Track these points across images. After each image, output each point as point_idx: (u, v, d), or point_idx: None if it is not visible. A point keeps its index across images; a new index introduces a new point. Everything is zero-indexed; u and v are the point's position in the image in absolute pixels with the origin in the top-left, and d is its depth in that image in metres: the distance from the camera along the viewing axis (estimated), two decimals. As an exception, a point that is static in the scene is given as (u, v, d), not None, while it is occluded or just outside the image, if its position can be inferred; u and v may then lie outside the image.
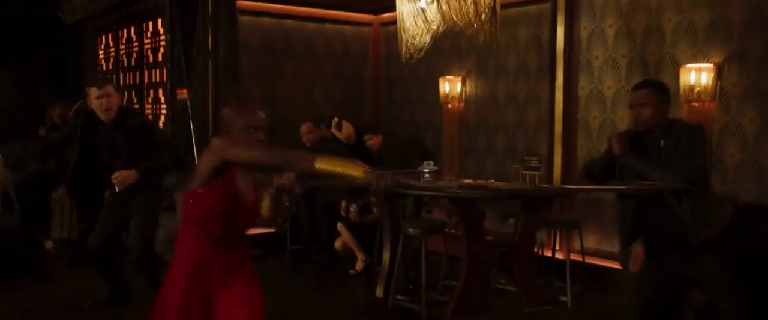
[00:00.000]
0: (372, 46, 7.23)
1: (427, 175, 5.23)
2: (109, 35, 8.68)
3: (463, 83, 6.32)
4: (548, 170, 5.57)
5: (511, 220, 5.17)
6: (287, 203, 3.06)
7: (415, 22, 4.91)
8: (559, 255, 5.34)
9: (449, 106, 6.37)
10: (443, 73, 6.44)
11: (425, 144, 6.68)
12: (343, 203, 5.89)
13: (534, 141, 5.76)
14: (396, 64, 6.97)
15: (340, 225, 5.82)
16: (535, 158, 4.85)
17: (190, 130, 6.67)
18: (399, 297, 4.95)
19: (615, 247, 4.56)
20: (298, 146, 6.33)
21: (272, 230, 6.60)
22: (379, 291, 5.16)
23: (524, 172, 4.88)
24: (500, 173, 5.90)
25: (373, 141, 6.09)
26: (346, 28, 7.10)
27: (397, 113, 7.14)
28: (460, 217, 4.67)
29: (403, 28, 4.95)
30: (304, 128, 6.26)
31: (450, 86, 6.31)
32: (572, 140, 5.44)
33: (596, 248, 5.31)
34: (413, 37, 4.94)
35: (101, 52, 9.00)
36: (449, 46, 6.48)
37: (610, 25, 5.20)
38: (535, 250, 5.40)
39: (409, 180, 5.02)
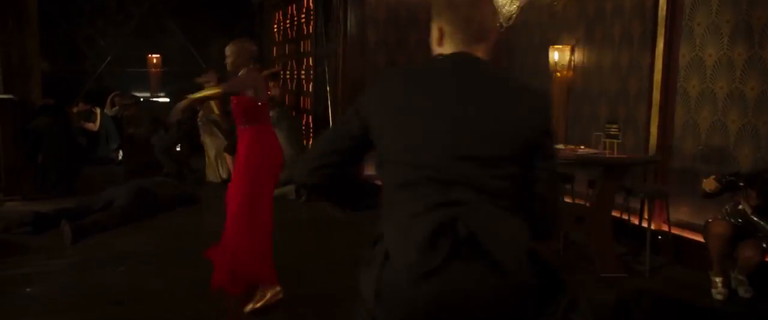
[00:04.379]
0: (494, 16, 6.92)
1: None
2: (280, 11, 9.24)
3: (572, 51, 5.86)
4: (645, 139, 5.01)
5: (598, 186, 4.77)
6: None
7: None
8: (652, 226, 4.82)
9: (558, 74, 5.94)
10: (554, 42, 6.01)
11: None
12: None
13: (634, 110, 5.21)
14: (515, 32, 6.66)
15: None
16: (614, 126, 4.43)
17: (327, 93, 6.96)
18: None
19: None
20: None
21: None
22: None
23: (605, 139, 4.48)
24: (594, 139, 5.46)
25: None
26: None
27: (514, 81, 6.82)
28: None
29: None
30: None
31: (559, 54, 5.88)
32: (670, 110, 4.82)
33: (688, 221, 4.71)
34: (501, 5, 4.68)
35: (275, 25, 9.62)
36: (562, 16, 6.02)
37: (718, -10, 4.49)
38: (626, 218, 4.96)
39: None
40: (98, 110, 8.87)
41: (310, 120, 7.81)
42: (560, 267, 1.65)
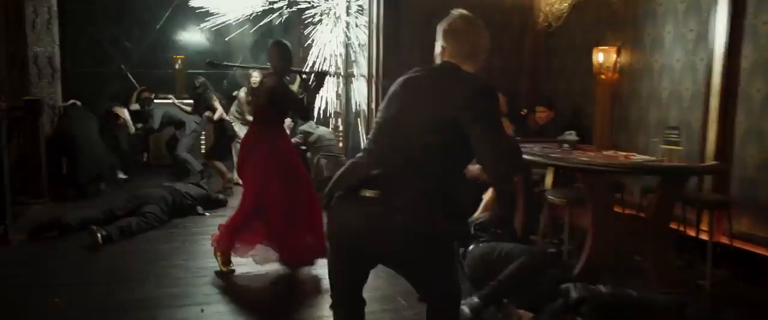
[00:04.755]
0: (532, 16, 6.64)
1: (564, 145, 4.73)
2: (308, 12, 9.00)
3: (618, 53, 5.56)
4: (701, 145, 4.71)
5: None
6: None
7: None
8: (708, 237, 4.51)
9: (603, 77, 5.65)
10: (598, 44, 5.72)
11: (583, 121, 6.07)
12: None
13: (688, 114, 4.90)
14: (554, 34, 6.38)
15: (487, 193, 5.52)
16: (674, 132, 4.12)
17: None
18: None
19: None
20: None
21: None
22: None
23: (663, 146, 4.18)
24: (651, 146, 5.16)
25: (544, 115, 5.65)
26: (507, -1, 6.60)
27: (554, 84, 6.53)
28: (585, 188, 4.12)
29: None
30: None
31: (604, 56, 5.59)
32: (730, 115, 4.52)
33: (749, 232, 4.41)
34: (550, 4, 4.41)
35: (300, 26, 9.39)
36: (606, 16, 5.73)
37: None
38: (682, 229, 4.66)
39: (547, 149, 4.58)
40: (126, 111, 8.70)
41: (340, 122, 7.58)
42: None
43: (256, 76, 6.76)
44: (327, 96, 7.44)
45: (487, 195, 5.52)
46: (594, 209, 4.09)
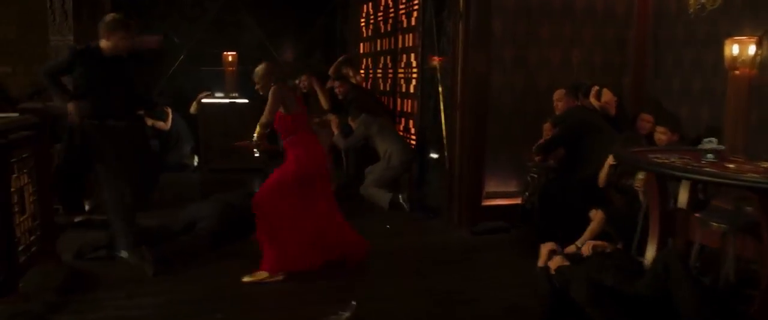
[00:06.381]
0: (638, 4, 5.77)
1: (708, 155, 3.86)
2: (370, 4, 8.29)
3: (759, 44, 4.66)
4: None
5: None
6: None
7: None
8: None
9: (737, 72, 4.75)
10: (730, 34, 4.81)
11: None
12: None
13: None
14: (667, 24, 5.50)
15: (593, 211, 4.71)
16: None
17: (438, 94, 5.94)
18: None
19: None
20: (550, 112, 5.33)
21: (520, 202, 5.62)
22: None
23: None
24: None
25: (665, 138, 4.69)
26: (611, -15, 5.73)
27: (666, 81, 5.63)
28: (762, 212, 3.26)
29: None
30: (557, 94, 5.27)
31: (740, 48, 4.69)
32: None
33: None
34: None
35: (362, 20, 8.68)
36: (741, 2, 4.83)
37: None
38: None
39: (687, 160, 3.73)
40: (169, 110, 8.17)
41: (412, 124, 6.83)
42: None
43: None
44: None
45: (597, 218, 4.67)
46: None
